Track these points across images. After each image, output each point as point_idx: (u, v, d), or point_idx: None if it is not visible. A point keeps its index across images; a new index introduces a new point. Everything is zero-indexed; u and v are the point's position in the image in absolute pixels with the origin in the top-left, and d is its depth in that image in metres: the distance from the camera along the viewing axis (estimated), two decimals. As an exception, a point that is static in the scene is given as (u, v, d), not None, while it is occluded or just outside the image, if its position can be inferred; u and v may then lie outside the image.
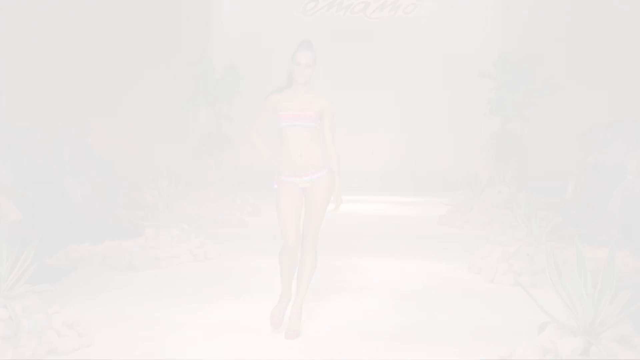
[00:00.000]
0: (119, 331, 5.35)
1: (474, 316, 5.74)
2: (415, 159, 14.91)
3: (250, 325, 5.45)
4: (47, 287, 5.32)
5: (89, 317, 5.25)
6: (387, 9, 14.89)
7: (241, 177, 12.45)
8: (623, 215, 8.72)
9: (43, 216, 8.92)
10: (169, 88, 14.17)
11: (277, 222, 5.25)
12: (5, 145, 9.15)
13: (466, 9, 14.83)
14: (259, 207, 11.31)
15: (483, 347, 4.96)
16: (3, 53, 14.38)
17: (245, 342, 5.04)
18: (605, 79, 14.12)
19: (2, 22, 14.28)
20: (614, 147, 10.61)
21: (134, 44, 14.54)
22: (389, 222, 10.60)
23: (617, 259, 6.81)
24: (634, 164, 9.36)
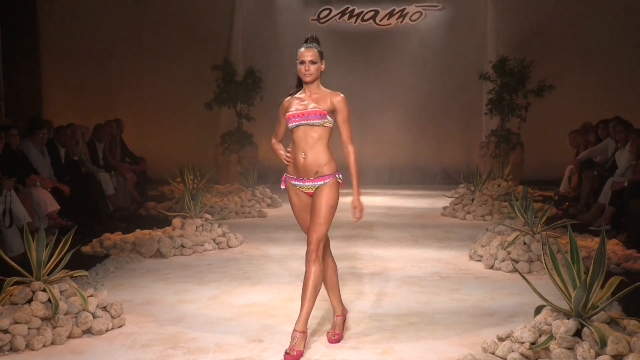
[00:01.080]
0: (149, 313, 5.37)
1: (474, 299, 5.73)
2: (421, 155, 14.87)
3: (268, 308, 5.46)
4: (82, 272, 5.36)
5: (121, 300, 5.27)
6: (395, 17, 14.85)
7: (260, 171, 12.46)
8: (612, 207, 8.68)
9: (79, 207, 8.95)
10: (195, 90, 14.22)
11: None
12: (45, 142, 9.20)
13: (468, 17, 14.77)
14: (277, 199, 11.32)
15: (483, 328, 4.95)
16: (46, 58, 14.49)
17: (264, 324, 5.04)
18: (595, 81, 14.06)
19: (43, 31, 14.37)
20: (604, 143, 10.57)
21: (165, 50, 14.61)
22: (397, 213, 10.58)
23: (607, 247, 6.79)
24: (622, 160, 9.32)
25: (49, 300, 4.75)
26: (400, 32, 14.83)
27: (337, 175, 4.61)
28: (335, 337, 4.64)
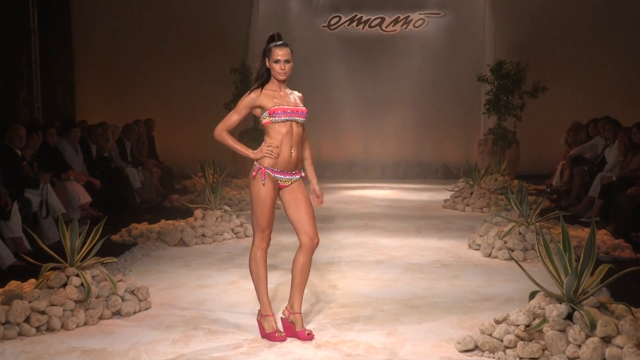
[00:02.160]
0: (173, 296, 5.39)
1: (473, 285, 5.71)
2: (423, 151, 14.84)
3: (282, 292, 5.46)
4: (112, 259, 5.40)
5: (148, 285, 5.29)
6: (400, 23, 14.80)
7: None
8: (601, 200, 8.63)
9: (109, 200, 8.99)
10: (215, 91, 14.23)
11: (256, 215, 4.37)
12: (78, 140, 9.24)
13: (467, 24, 14.71)
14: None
15: (481, 312, 4.94)
16: (79, 64, 14.57)
17: (278, 307, 5.04)
18: (586, 83, 13.99)
19: (76, 39, 14.44)
20: (594, 141, 10.51)
21: (188, 55, 14.65)
22: (401, 206, 10.56)
23: (597, 237, 6.75)
24: (611, 156, 9.27)
25: (82, 284, 4.78)
26: (405, 37, 14.78)
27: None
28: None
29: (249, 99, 4.31)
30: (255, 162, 4.36)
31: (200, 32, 14.68)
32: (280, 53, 4.27)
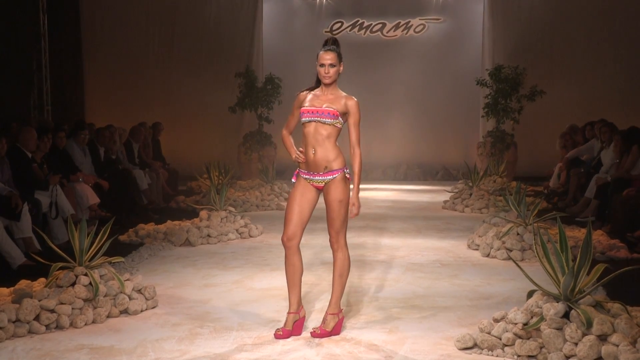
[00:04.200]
0: (179, 295, 5.39)
1: (472, 284, 5.71)
2: (423, 154, 14.84)
3: (286, 292, 5.42)
4: (120, 258, 5.40)
5: (154, 284, 5.29)
6: (401, 29, 14.82)
7: (279, 168, 12.48)
8: (597, 201, 8.63)
9: (117, 201, 8.99)
10: (220, 95, 14.25)
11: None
12: (87, 143, 9.25)
13: (467, 29, 14.73)
14: (293, 193, 11.29)
15: (480, 310, 4.93)
16: (88, 66, 14.60)
17: (282, 305, 5.05)
18: (582, 87, 13.99)
19: (86, 45, 14.47)
20: (590, 143, 10.50)
21: (194, 60, 14.68)
22: (402, 207, 10.56)
23: (593, 237, 6.75)
24: (607, 158, 9.26)
25: (90, 283, 4.79)
26: (405, 42, 14.80)
27: (345, 170, 4.36)
28: (280, 333, 4.37)
29: (296, 101, 4.47)
30: None
31: (205, 37, 14.72)
32: (326, 57, 4.32)
